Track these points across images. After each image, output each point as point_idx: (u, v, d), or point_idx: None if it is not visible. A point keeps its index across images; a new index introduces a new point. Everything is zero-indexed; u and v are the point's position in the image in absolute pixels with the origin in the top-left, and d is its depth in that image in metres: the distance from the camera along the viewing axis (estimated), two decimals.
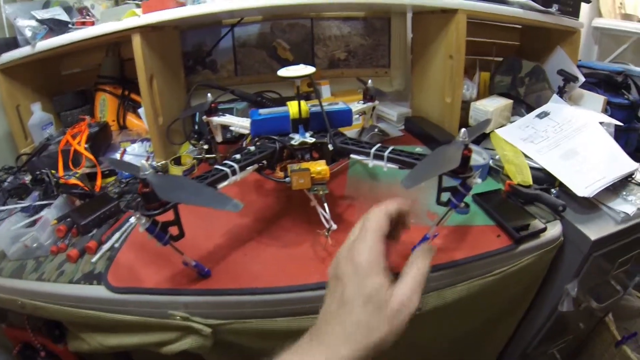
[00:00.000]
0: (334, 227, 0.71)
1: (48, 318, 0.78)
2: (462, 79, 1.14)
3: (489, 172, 0.99)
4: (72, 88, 1.34)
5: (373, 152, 0.74)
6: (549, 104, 1.08)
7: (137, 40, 0.99)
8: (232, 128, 0.95)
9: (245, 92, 1.25)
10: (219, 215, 0.84)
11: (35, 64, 1.14)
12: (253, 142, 0.84)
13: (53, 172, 0.98)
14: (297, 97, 0.81)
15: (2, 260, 0.80)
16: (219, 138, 1.01)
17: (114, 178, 1.05)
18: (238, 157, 0.75)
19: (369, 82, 1.02)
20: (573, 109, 1.03)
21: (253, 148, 0.78)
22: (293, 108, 0.82)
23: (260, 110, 0.86)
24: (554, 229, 0.81)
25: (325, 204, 0.73)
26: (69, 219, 0.86)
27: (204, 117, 0.97)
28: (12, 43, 1.08)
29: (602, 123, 0.96)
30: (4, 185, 1.00)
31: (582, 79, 1.16)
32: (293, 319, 0.68)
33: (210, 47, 1.40)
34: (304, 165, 0.74)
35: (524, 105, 1.24)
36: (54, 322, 0.83)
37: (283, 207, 0.90)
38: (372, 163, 0.75)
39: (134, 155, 1.16)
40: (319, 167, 0.73)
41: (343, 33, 1.46)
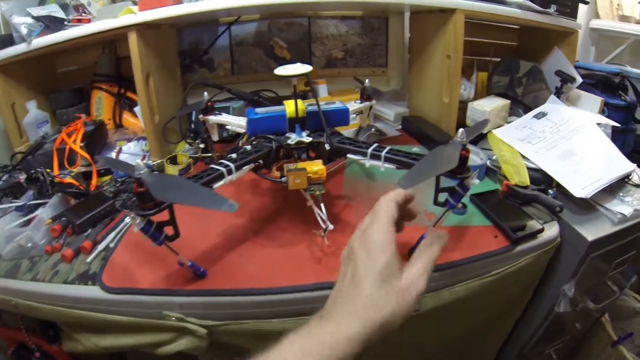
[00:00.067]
0: (331, 227, 0.71)
1: (42, 318, 0.77)
2: (459, 79, 1.14)
3: (487, 172, 0.99)
4: (68, 86, 1.32)
5: (370, 151, 0.73)
6: (547, 105, 1.08)
7: (133, 38, 0.98)
8: (228, 127, 0.94)
9: (242, 90, 1.25)
10: (215, 215, 0.84)
11: (31, 62, 1.13)
12: (249, 141, 0.84)
13: (48, 170, 0.98)
14: (294, 96, 0.80)
15: None
16: (215, 137, 1.01)
17: (110, 177, 1.04)
18: (234, 156, 0.74)
19: (366, 81, 1.02)
20: (570, 110, 1.03)
21: (249, 147, 0.78)
22: (290, 107, 0.82)
23: (257, 109, 0.85)
24: (551, 230, 0.81)
25: (322, 204, 0.72)
26: (64, 218, 0.85)
27: (200, 115, 0.97)
28: (7, 40, 1.07)
29: (599, 124, 0.96)
30: None
31: (579, 80, 1.16)
32: (289, 320, 0.68)
33: (207, 45, 1.39)
34: (301, 165, 0.73)
35: (522, 106, 1.24)
36: (49, 322, 0.82)
37: (279, 206, 0.90)
38: (369, 163, 0.74)
39: (130, 154, 1.16)
40: (316, 166, 0.72)
41: (340, 32, 1.46)
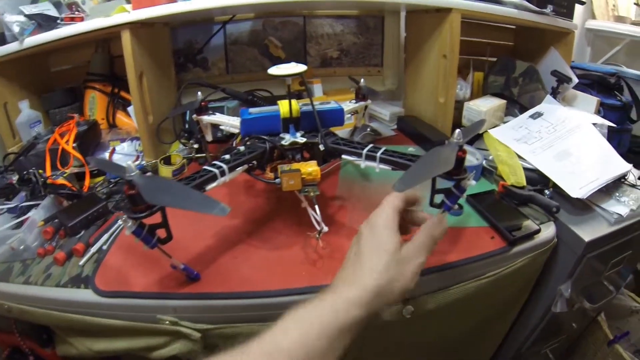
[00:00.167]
0: (325, 229, 0.70)
1: (35, 322, 0.76)
2: (455, 79, 1.14)
3: (483, 172, 0.98)
4: (61, 85, 1.31)
5: (365, 152, 0.73)
6: (543, 105, 1.08)
7: (126, 37, 0.97)
8: (222, 127, 0.93)
9: (237, 90, 1.24)
10: (208, 217, 0.81)
11: (24, 61, 1.11)
12: (243, 141, 0.83)
13: (40, 171, 0.96)
14: (288, 96, 0.80)
15: None
16: (209, 137, 1.00)
17: (103, 178, 1.03)
18: (227, 157, 0.73)
19: (362, 81, 1.01)
20: (566, 110, 1.03)
21: (243, 148, 0.77)
22: (284, 107, 0.81)
23: (251, 110, 0.85)
24: (548, 231, 0.81)
25: (316, 206, 0.72)
26: (57, 220, 0.84)
27: (194, 115, 0.96)
28: None
29: (595, 124, 0.96)
30: None
31: (575, 80, 1.16)
32: None
33: (202, 44, 1.38)
34: (295, 166, 0.73)
35: (518, 106, 1.23)
36: (42, 326, 0.81)
37: (273, 208, 0.89)
38: (364, 164, 0.73)
39: (124, 155, 1.15)
40: (310, 167, 0.72)
41: (336, 31, 1.45)
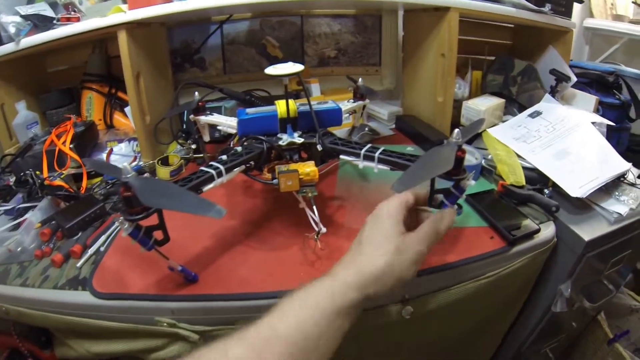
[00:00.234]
0: (324, 230, 0.69)
1: (33, 324, 0.76)
2: (454, 78, 1.13)
3: (482, 172, 0.98)
4: (58, 86, 1.31)
5: (363, 152, 0.72)
6: (541, 104, 1.08)
7: (122, 37, 0.97)
8: (219, 127, 0.93)
9: (234, 90, 1.23)
10: (206, 218, 0.81)
11: (20, 61, 1.11)
12: (240, 142, 0.82)
13: (37, 173, 0.96)
14: (285, 95, 0.79)
15: None
16: (207, 137, 1.00)
17: (100, 179, 1.03)
18: (224, 158, 0.73)
19: (360, 80, 1.01)
20: (565, 109, 1.02)
21: (240, 149, 0.77)
22: (281, 107, 0.80)
23: (248, 110, 0.84)
24: (548, 230, 0.80)
25: (314, 206, 0.71)
26: (54, 222, 0.83)
27: (191, 116, 0.95)
28: None
29: (594, 123, 0.96)
30: None
31: (574, 79, 1.16)
32: None
33: (199, 44, 1.37)
34: (292, 167, 0.72)
35: (516, 105, 1.23)
36: (41, 328, 0.80)
37: (271, 208, 0.89)
38: (362, 164, 0.73)
39: (121, 155, 1.14)
40: (308, 168, 0.71)
41: (333, 30, 1.44)
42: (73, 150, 1.01)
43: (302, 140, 0.79)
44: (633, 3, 1.66)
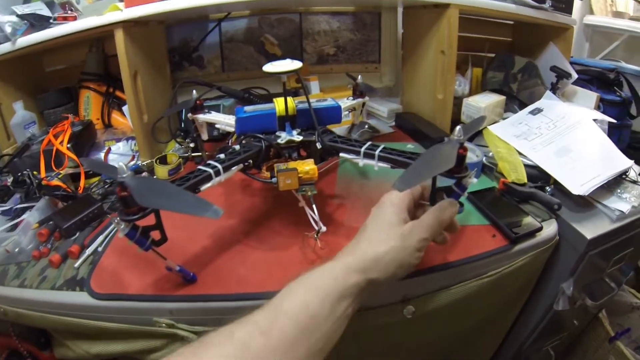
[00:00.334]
0: (324, 229, 0.69)
1: (32, 325, 0.75)
2: (454, 75, 1.12)
3: (483, 169, 0.97)
4: (55, 85, 1.30)
5: (363, 150, 0.71)
6: (542, 101, 1.07)
7: (119, 36, 0.96)
8: (218, 126, 0.92)
9: (233, 88, 1.22)
10: (204, 218, 0.82)
11: (17, 61, 1.10)
12: (238, 140, 0.82)
13: (35, 173, 0.95)
14: (284, 93, 0.79)
15: None
16: (205, 136, 0.99)
17: (98, 179, 1.02)
18: (222, 156, 0.72)
19: (359, 77, 1.00)
20: (566, 106, 1.02)
21: (238, 147, 0.76)
22: (279, 105, 0.79)
23: (246, 108, 0.83)
24: (550, 228, 0.80)
25: (314, 205, 0.71)
26: (51, 222, 0.83)
27: (190, 114, 0.95)
28: None
29: (595, 120, 0.95)
30: None
31: (575, 76, 1.15)
32: None
33: (197, 42, 1.37)
34: (291, 165, 0.71)
35: (517, 102, 1.23)
36: (40, 329, 0.80)
37: (270, 207, 0.88)
38: (362, 162, 0.72)
39: (119, 155, 1.14)
40: (307, 166, 0.70)
41: (332, 28, 1.43)
42: (70, 150, 1.00)
43: (301, 138, 0.78)
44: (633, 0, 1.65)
